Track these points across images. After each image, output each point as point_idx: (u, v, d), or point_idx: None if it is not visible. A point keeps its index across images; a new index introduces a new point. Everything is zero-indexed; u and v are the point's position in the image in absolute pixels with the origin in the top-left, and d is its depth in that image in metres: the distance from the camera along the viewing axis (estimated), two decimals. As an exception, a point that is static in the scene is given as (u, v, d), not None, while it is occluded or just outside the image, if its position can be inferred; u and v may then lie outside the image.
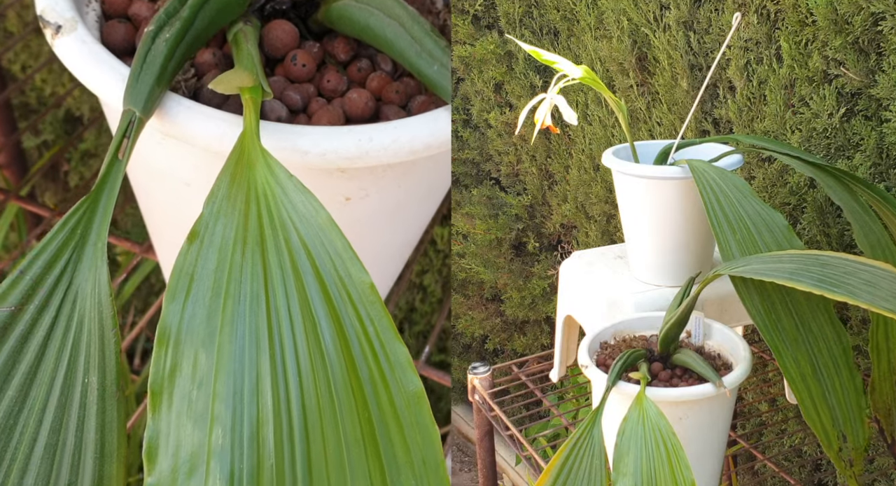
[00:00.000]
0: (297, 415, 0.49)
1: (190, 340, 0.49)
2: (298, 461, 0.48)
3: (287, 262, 0.52)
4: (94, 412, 0.50)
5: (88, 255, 0.53)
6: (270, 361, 0.50)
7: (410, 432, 0.49)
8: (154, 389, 0.48)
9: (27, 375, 0.49)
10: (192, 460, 0.46)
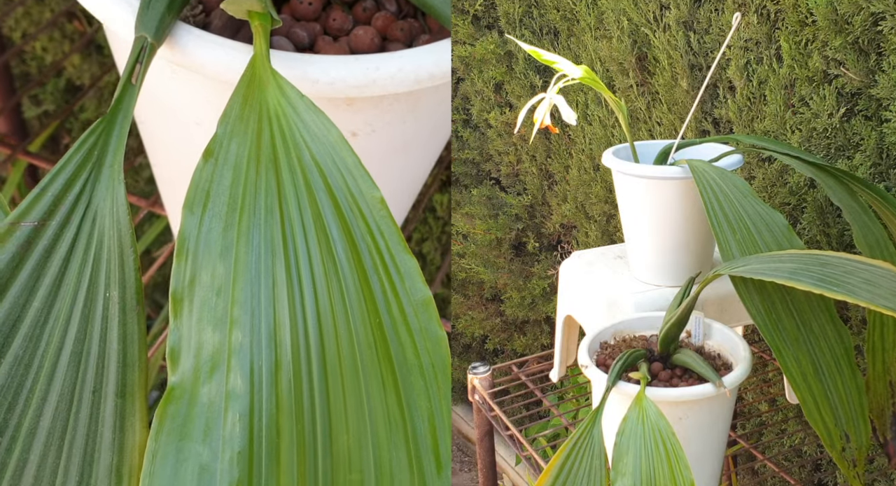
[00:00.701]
0: (312, 319, 0.51)
1: (208, 251, 0.51)
2: (314, 361, 0.50)
3: (300, 178, 0.55)
4: (115, 324, 0.52)
5: (105, 176, 0.54)
6: (286, 269, 0.52)
7: (420, 336, 0.52)
8: (175, 297, 0.50)
9: (51, 287, 0.51)
10: (214, 359, 0.49)
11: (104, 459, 0.50)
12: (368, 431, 0.50)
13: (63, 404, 0.49)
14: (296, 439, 0.49)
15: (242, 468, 0.47)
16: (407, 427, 0.51)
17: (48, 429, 0.49)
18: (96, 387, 0.50)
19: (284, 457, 0.48)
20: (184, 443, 0.47)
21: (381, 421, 0.51)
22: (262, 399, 0.49)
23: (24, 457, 0.47)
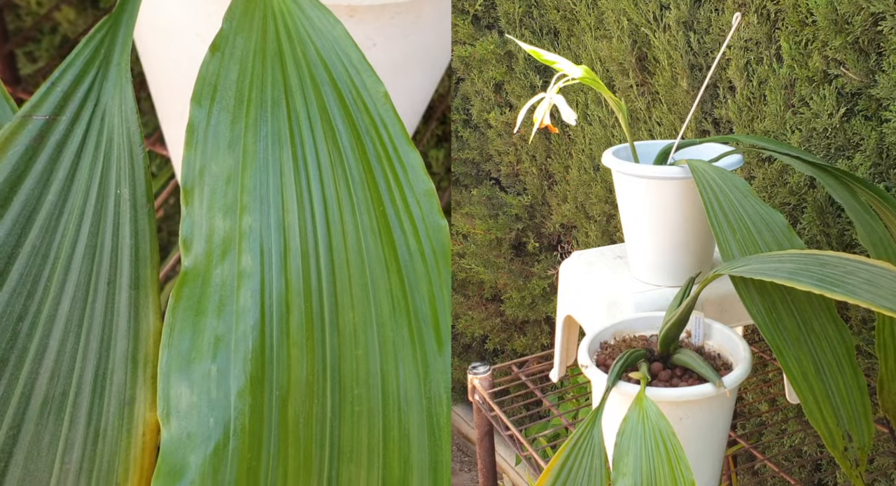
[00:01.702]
0: (319, 206, 0.53)
1: (216, 142, 0.53)
2: (321, 244, 0.52)
3: (305, 73, 0.56)
4: (127, 221, 0.53)
5: (113, 74, 0.55)
6: (293, 159, 0.54)
7: (422, 224, 0.54)
8: (186, 187, 0.51)
9: (65, 181, 0.52)
10: (225, 243, 0.51)
11: (120, 345, 0.51)
12: (373, 310, 0.52)
13: (80, 293, 0.51)
14: (304, 315, 0.51)
15: (255, 339, 0.49)
16: (409, 308, 0.53)
17: (66, 316, 0.50)
18: (111, 279, 0.52)
19: (294, 331, 0.50)
20: (199, 318, 0.49)
21: (384, 301, 0.53)
22: (273, 279, 0.51)
23: (44, 342, 0.49)
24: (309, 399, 0.51)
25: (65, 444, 0.49)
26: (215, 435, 0.47)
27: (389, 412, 0.52)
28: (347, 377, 0.52)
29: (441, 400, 0.53)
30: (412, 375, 0.53)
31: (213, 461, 0.47)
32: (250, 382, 0.49)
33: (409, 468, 0.52)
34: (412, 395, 0.53)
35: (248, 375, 0.49)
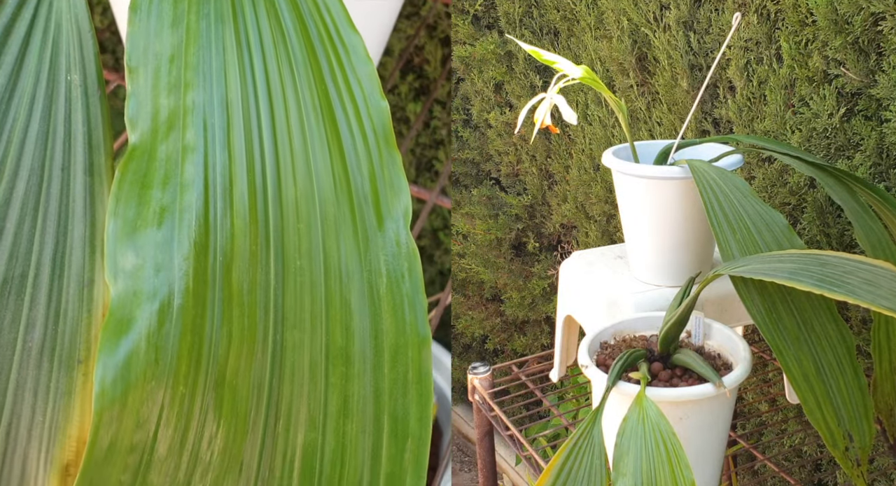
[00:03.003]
0: (262, 82, 0.55)
1: (160, 20, 0.54)
2: (264, 120, 0.54)
3: None
4: (79, 107, 0.54)
5: None
6: (235, 35, 0.55)
7: (363, 104, 0.56)
8: (131, 66, 0.52)
9: (14, 66, 0.53)
10: (170, 120, 0.52)
11: (77, 230, 0.53)
12: (314, 186, 0.55)
13: (34, 178, 0.52)
14: (248, 188, 0.53)
15: (199, 209, 0.51)
16: (350, 186, 0.55)
17: (22, 200, 0.52)
18: (65, 165, 0.53)
19: (237, 203, 0.52)
20: (145, 190, 0.50)
21: (325, 178, 0.55)
22: (216, 153, 0.53)
23: (0, 225, 0.51)
24: (253, 268, 0.53)
25: (26, 323, 0.52)
26: (161, 293, 0.49)
27: (331, 282, 0.54)
28: (290, 249, 0.54)
29: (380, 273, 0.55)
30: (352, 249, 0.55)
31: (159, 315, 0.49)
32: (194, 248, 0.51)
33: (350, 335, 0.55)
34: (353, 268, 0.55)
35: (192, 241, 0.51)
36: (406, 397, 0.56)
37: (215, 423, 0.52)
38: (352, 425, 0.55)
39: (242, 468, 0.54)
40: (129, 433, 0.49)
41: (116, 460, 0.49)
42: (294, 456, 0.55)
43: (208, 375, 0.51)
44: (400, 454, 0.56)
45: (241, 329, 0.52)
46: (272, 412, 0.54)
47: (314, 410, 0.55)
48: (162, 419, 0.50)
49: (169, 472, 0.51)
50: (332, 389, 0.55)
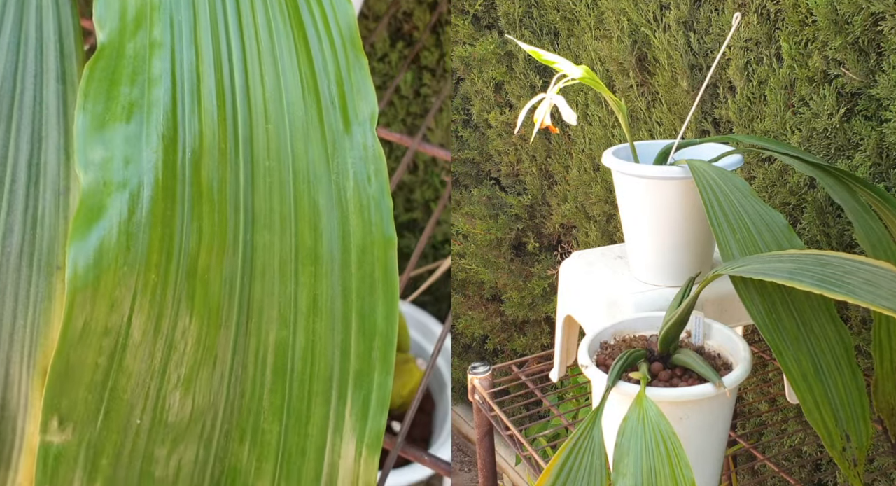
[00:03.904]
0: None
1: None
2: (230, 18, 0.56)
3: None
4: (50, 16, 0.55)
5: None
6: None
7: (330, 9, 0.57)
8: None
9: None
10: (138, 18, 0.53)
11: (51, 138, 0.54)
12: (282, 88, 0.56)
13: (7, 86, 0.53)
14: (216, 85, 0.54)
15: (167, 104, 0.52)
16: (318, 89, 0.56)
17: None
18: (37, 73, 0.54)
19: (205, 100, 0.53)
20: (113, 87, 0.51)
21: (293, 81, 0.56)
22: (183, 49, 0.53)
23: None
24: (222, 166, 0.53)
25: (4, 229, 0.53)
26: (130, 184, 0.50)
27: (300, 184, 0.56)
28: (259, 149, 0.55)
29: (347, 175, 0.56)
30: (320, 151, 0.56)
31: (129, 205, 0.50)
32: (163, 142, 0.52)
33: (318, 235, 0.56)
34: (321, 170, 0.56)
35: (161, 135, 0.52)
36: (373, 295, 0.57)
37: (188, 315, 0.53)
38: (321, 323, 0.56)
39: (216, 363, 0.55)
40: (102, 314, 0.50)
41: (92, 342, 0.50)
42: (266, 354, 0.56)
43: (180, 266, 0.52)
44: (368, 352, 0.57)
45: (211, 225, 0.53)
46: (244, 310, 0.55)
47: (285, 308, 0.56)
48: (135, 304, 0.51)
49: (144, 358, 0.52)
50: (302, 288, 0.56)
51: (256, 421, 0.57)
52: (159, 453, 0.54)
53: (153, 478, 0.55)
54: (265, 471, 0.58)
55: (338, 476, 0.58)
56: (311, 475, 0.58)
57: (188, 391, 0.54)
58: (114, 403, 0.52)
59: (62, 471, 0.51)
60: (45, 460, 0.51)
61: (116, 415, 0.52)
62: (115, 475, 0.53)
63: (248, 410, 0.57)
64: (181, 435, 0.55)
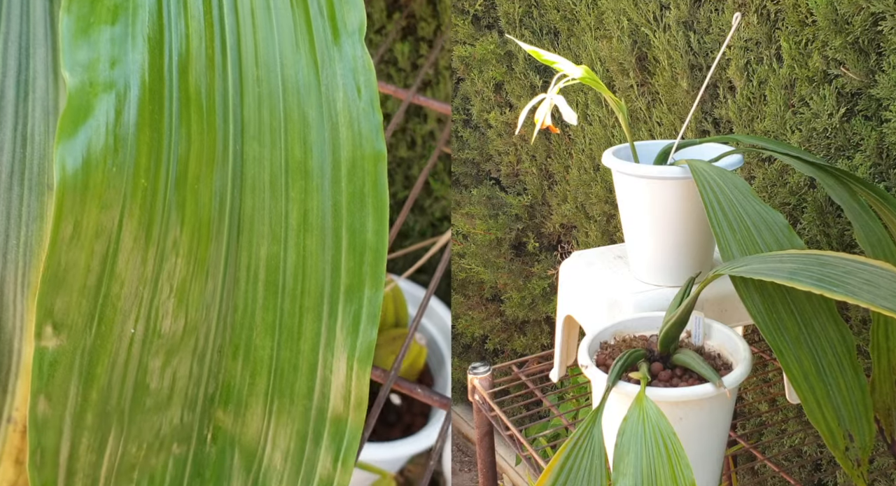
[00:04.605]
0: None
1: None
2: None
3: None
4: None
5: None
6: None
7: None
8: None
9: None
10: None
11: (39, 54, 0.53)
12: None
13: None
14: None
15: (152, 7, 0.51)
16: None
17: None
18: None
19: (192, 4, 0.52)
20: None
21: None
22: None
23: None
24: (210, 72, 0.53)
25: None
26: (117, 85, 0.50)
27: (289, 95, 0.55)
28: (247, 57, 0.54)
29: (336, 87, 0.55)
30: (309, 62, 0.55)
31: (117, 105, 0.49)
32: (148, 43, 0.51)
33: (308, 149, 0.55)
34: (310, 81, 0.55)
35: (146, 37, 0.51)
36: (363, 210, 0.56)
37: (179, 225, 0.52)
38: (312, 239, 0.56)
39: (208, 277, 0.54)
40: (93, 216, 0.49)
41: (83, 244, 0.49)
42: (258, 269, 0.56)
43: (169, 173, 0.51)
44: (358, 267, 0.57)
45: (199, 133, 0.52)
46: (235, 224, 0.55)
47: (275, 224, 0.56)
48: (126, 209, 0.50)
49: (136, 266, 0.52)
50: (293, 203, 0.55)
51: (249, 337, 0.57)
52: (154, 364, 0.54)
53: (148, 389, 0.54)
54: (258, 387, 0.58)
55: (330, 391, 0.58)
56: (303, 390, 0.58)
57: (181, 303, 0.54)
58: (107, 310, 0.51)
59: (58, 378, 0.51)
60: (41, 366, 0.50)
61: (110, 322, 0.51)
62: (110, 385, 0.53)
63: (240, 325, 0.56)
64: (175, 348, 0.54)
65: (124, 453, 0.56)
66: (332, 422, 0.59)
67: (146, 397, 0.55)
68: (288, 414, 0.59)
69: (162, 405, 0.56)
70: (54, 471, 0.53)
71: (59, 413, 0.52)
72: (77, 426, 0.53)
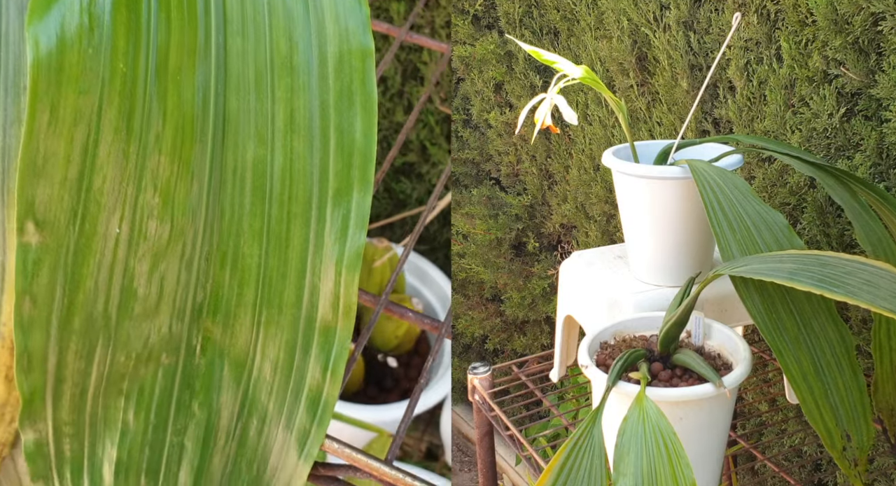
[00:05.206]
0: None
1: None
2: None
3: None
4: None
5: None
6: None
7: None
8: None
9: None
10: None
11: None
12: None
13: None
14: None
15: None
16: None
17: None
18: None
19: None
20: None
21: None
22: None
23: None
24: None
25: None
26: None
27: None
28: None
29: None
30: None
31: None
32: None
33: (294, 44, 0.53)
34: None
35: None
36: (351, 109, 0.55)
37: (161, 118, 0.51)
38: (299, 140, 0.54)
39: (193, 179, 0.53)
40: (70, 100, 0.48)
41: (62, 131, 0.48)
42: (245, 173, 0.54)
43: (149, 60, 0.50)
44: (346, 170, 0.55)
45: (180, 20, 0.50)
46: (219, 124, 0.53)
47: (261, 124, 0.54)
48: (104, 95, 0.49)
49: (119, 160, 0.50)
50: (279, 102, 0.54)
51: (237, 244, 0.55)
52: (140, 269, 0.53)
53: (136, 295, 0.53)
54: (246, 297, 0.56)
55: (318, 300, 0.56)
56: (291, 299, 0.57)
57: (166, 205, 0.52)
58: (90, 205, 0.50)
59: (42, 277, 0.49)
60: (25, 264, 0.49)
61: (94, 220, 0.50)
62: (96, 287, 0.52)
63: (227, 232, 0.55)
64: (162, 253, 0.53)
65: (113, 361, 0.55)
66: (320, 331, 0.58)
67: (133, 303, 0.54)
68: (277, 324, 0.57)
69: (150, 312, 0.55)
70: (42, 377, 0.52)
71: (44, 315, 0.51)
72: (64, 330, 0.52)
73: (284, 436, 0.60)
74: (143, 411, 0.58)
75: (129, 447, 0.58)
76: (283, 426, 0.60)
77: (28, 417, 0.54)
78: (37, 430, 0.55)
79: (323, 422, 0.59)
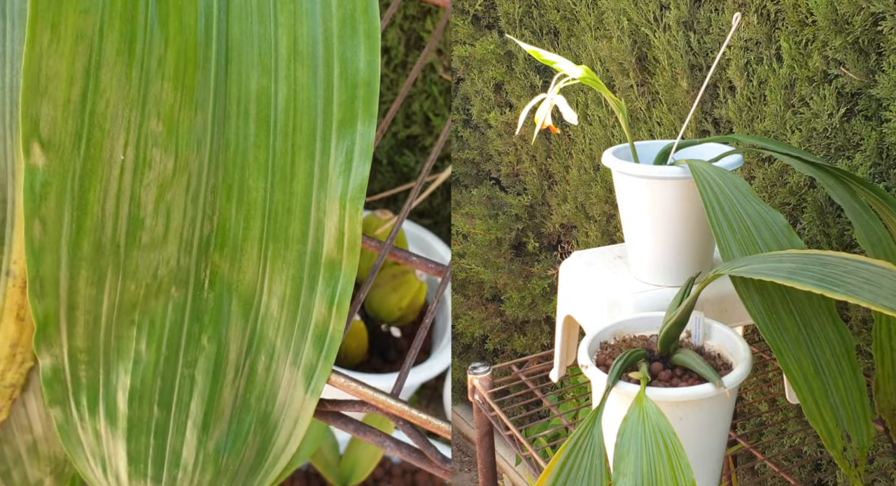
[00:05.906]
0: None
1: None
2: None
3: None
4: None
5: None
6: None
7: None
8: None
9: None
10: None
11: None
12: None
13: None
14: None
15: None
16: None
17: None
18: None
19: None
20: None
21: None
22: None
23: None
24: None
25: None
26: None
27: None
28: None
29: None
30: None
31: None
32: None
33: None
34: None
35: None
36: (354, 38, 0.54)
37: (163, 42, 0.50)
38: (303, 69, 0.54)
39: (197, 109, 0.53)
40: (71, 19, 0.47)
41: (63, 51, 0.47)
42: (249, 103, 0.54)
43: None
44: (351, 101, 0.54)
45: None
46: (222, 51, 0.53)
47: (265, 53, 0.53)
48: (105, 15, 0.48)
49: (122, 83, 0.50)
50: (282, 29, 0.53)
51: (242, 177, 0.55)
52: (146, 198, 0.53)
53: (143, 224, 0.53)
54: (252, 231, 0.56)
55: (323, 235, 0.56)
56: (297, 234, 0.56)
57: (171, 134, 0.52)
58: (94, 130, 0.50)
59: (50, 201, 0.49)
60: (33, 186, 0.49)
61: (98, 144, 0.50)
62: (104, 214, 0.51)
63: (232, 164, 0.54)
64: (167, 183, 0.53)
65: (124, 290, 0.55)
66: (326, 267, 0.57)
67: (141, 232, 0.53)
68: (283, 259, 0.57)
69: (157, 242, 0.54)
70: (55, 302, 0.52)
71: (54, 239, 0.51)
72: (74, 256, 0.52)
73: (292, 372, 0.60)
74: (154, 342, 0.58)
75: (142, 376, 0.58)
76: (291, 362, 0.60)
77: (44, 340, 0.54)
78: (53, 354, 0.55)
79: (329, 357, 0.59)
